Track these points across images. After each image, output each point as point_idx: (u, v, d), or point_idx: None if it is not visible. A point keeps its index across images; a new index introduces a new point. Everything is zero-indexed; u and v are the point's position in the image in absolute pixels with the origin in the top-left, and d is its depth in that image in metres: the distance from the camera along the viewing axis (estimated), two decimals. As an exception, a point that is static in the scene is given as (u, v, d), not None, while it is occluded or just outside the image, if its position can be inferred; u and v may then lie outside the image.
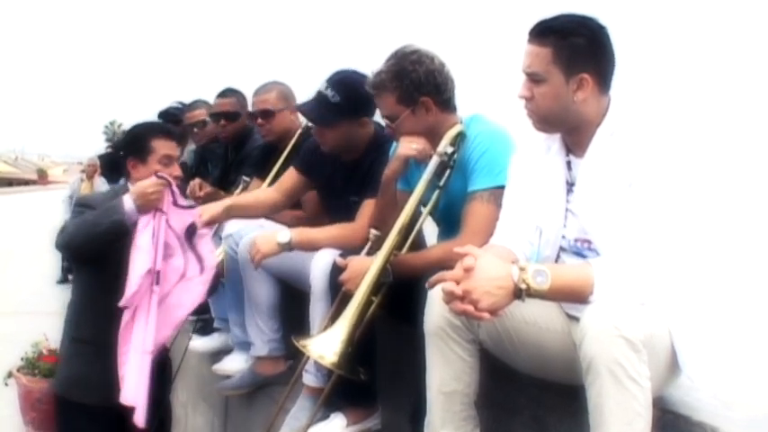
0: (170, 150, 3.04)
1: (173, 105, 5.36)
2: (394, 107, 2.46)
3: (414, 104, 2.43)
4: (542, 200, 2.11)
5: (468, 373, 2.03)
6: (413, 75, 2.41)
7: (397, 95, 2.44)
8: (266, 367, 3.18)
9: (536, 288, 1.74)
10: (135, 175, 3.01)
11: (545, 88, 2.00)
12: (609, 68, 2.01)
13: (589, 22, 1.99)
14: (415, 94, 2.42)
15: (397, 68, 2.42)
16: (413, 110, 2.44)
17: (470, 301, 1.73)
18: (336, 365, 2.21)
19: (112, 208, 2.79)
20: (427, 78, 2.42)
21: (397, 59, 2.44)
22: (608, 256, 1.87)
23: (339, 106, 2.76)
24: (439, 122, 2.47)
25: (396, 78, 2.42)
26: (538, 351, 2.04)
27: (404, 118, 2.45)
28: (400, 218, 2.33)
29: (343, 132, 2.84)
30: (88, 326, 2.94)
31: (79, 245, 2.81)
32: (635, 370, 1.65)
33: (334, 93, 2.77)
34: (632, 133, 1.95)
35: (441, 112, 2.47)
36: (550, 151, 2.12)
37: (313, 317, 2.74)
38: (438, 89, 2.44)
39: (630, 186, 1.90)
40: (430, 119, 2.45)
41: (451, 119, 2.51)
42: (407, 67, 2.41)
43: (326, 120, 2.80)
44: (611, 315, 1.68)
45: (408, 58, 2.42)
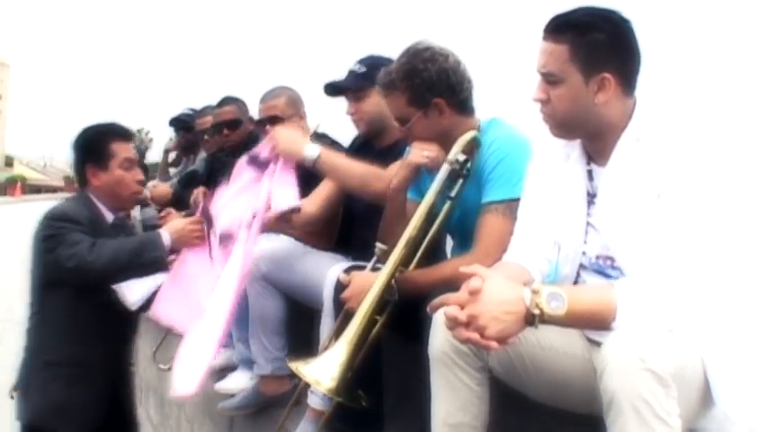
0: (129, 153, 2.93)
1: (184, 112, 5.28)
2: (405, 109, 2.28)
3: (426, 106, 2.25)
4: (561, 213, 1.92)
5: (476, 404, 1.85)
6: (424, 74, 2.22)
7: (407, 96, 2.26)
8: (271, 387, 3.01)
9: (550, 313, 1.54)
10: (95, 183, 2.89)
11: (562, 90, 1.80)
12: (633, 67, 1.80)
13: (611, 15, 1.79)
14: (426, 95, 2.24)
15: (408, 67, 2.24)
16: (425, 112, 2.26)
17: (476, 327, 1.54)
18: (334, 392, 2.03)
19: (152, 243, 2.73)
20: (440, 78, 2.23)
21: (409, 57, 2.26)
22: (633, 277, 1.67)
23: (365, 75, 2.73)
24: (454, 126, 2.28)
25: (406, 78, 2.24)
26: (555, 378, 1.85)
27: (415, 120, 2.27)
28: (406, 231, 2.14)
29: (376, 104, 2.72)
30: (67, 347, 2.79)
31: (112, 274, 2.71)
32: (662, 407, 1.46)
33: (360, 65, 2.79)
34: (661, 138, 1.74)
35: (456, 115, 2.28)
36: (570, 159, 1.93)
37: (322, 336, 2.58)
38: (452, 90, 2.25)
39: (659, 197, 1.70)
40: (444, 122, 2.27)
41: (468, 122, 2.32)
42: (419, 65, 2.23)
43: (356, 85, 2.77)
44: (636, 345, 1.48)
45: (420, 56, 2.24)
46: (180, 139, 5.37)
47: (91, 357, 2.64)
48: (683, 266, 1.63)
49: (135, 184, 2.96)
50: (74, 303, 2.79)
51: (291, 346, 3.02)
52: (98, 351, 2.65)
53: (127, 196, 2.98)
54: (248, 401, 3.10)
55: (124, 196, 2.97)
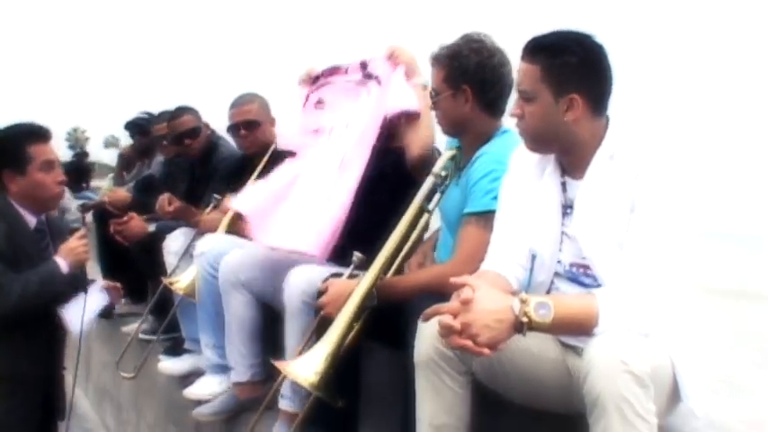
0: (49, 155, 2.88)
1: (139, 116, 5.23)
2: (440, 83, 2.42)
3: (456, 88, 2.38)
4: (536, 223, 2.03)
5: (459, 406, 1.94)
6: (464, 60, 2.36)
7: (445, 73, 2.40)
8: (246, 392, 3.04)
9: (538, 321, 1.64)
10: (14, 189, 2.85)
11: (534, 107, 1.92)
12: (603, 89, 1.93)
13: (584, 40, 1.91)
14: (459, 80, 2.37)
15: (456, 49, 2.38)
16: (453, 93, 2.39)
17: (469, 335, 1.63)
18: (315, 386, 2.11)
19: (52, 278, 2.76)
20: (476, 69, 2.36)
21: (462, 41, 2.40)
22: (612, 286, 1.78)
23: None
24: (475, 119, 2.41)
25: (449, 57, 2.38)
26: (532, 380, 1.96)
27: (444, 97, 2.41)
28: (389, 241, 2.23)
29: None
30: (2, 362, 2.78)
31: (25, 309, 2.73)
32: (642, 406, 1.58)
33: None
34: (633, 157, 1.87)
35: (479, 110, 2.40)
36: (545, 172, 2.04)
37: (288, 337, 2.64)
38: (482, 85, 2.37)
39: (632, 211, 1.83)
40: (466, 109, 2.39)
41: (490, 122, 2.44)
42: (464, 51, 2.37)
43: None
44: (618, 349, 1.60)
45: (469, 45, 2.38)
46: (135, 143, 5.31)
47: (29, 369, 2.65)
48: (653, 275, 1.75)
49: (56, 185, 2.92)
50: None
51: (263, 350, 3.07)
52: (29, 361, 2.68)
53: (48, 199, 2.93)
54: (225, 406, 3.11)
55: (45, 199, 2.92)
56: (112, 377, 5.11)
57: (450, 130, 2.50)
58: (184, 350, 3.70)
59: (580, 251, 1.95)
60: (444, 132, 2.54)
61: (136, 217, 3.96)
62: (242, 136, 3.51)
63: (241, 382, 3.03)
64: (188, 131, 4.03)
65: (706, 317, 1.91)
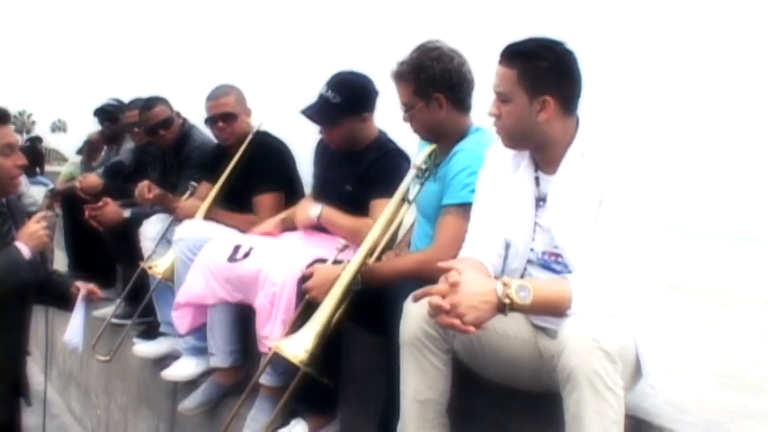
0: (9, 138, 2.88)
1: (109, 102, 5.24)
2: (410, 97, 2.54)
3: (428, 98, 2.51)
4: (511, 214, 2.19)
5: (441, 382, 2.09)
6: (430, 71, 2.48)
7: (413, 87, 2.52)
8: (228, 377, 3.16)
9: (519, 303, 1.81)
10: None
11: (510, 107, 2.09)
12: (573, 92, 2.10)
13: (555, 46, 2.08)
14: (429, 89, 2.50)
15: (416, 62, 2.50)
16: (426, 103, 2.52)
17: (456, 314, 1.79)
18: (304, 363, 2.24)
19: (15, 264, 2.75)
20: (443, 76, 2.49)
21: (419, 53, 2.51)
22: (583, 272, 1.95)
23: (340, 106, 2.90)
24: (450, 120, 2.55)
25: (414, 71, 2.50)
26: (507, 360, 2.12)
27: (418, 109, 2.53)
28: (374, 229, 2.38)
29: (348, 129, 2.98)
30: None
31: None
32: (612, 380, 1.75)
33: (334, 94, 2.91)
34: (602, 155, 2.05)
35: (453, 110, 2.54)
36: (519, 168, 2.21)
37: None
38: (452, 88, 2.51)
39: (600, 205, 2.01)
40: (441, 114, 2.52)
41: (462, 119, 2.59)
42: (426, 62, 2.48)
43: (330, 120, 2.94)
44: (590, 328, 1.77)
45: (429, 54, 2.49)
46: (104, 129, 5.32)
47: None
48: (622, 263, 1.94)
49: (15, 169, 2.91)
50: None
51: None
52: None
53: (7, 182, 2.92)
54: (209, 396, 3.18)
55: (5, 182, 2.92)
56: (79, 361, 5.14)
57: (428, 136, 2.63)
58: (159, 333, 3.77)
59: (552, 240, 2.12)
60: (422, 138, 2.69)
61: (111, 202, 4.02)
62: (220, 128, 3.59)
63: (223, 367, 3.14)
64: (162, 122, 4.08)
65: (660, 309, 2.10)
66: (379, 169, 2.95)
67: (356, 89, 2.96)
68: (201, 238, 3.28)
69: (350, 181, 2.99)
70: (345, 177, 3.01)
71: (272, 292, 2.71)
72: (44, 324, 3.26)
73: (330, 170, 3.12)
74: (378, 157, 3.00)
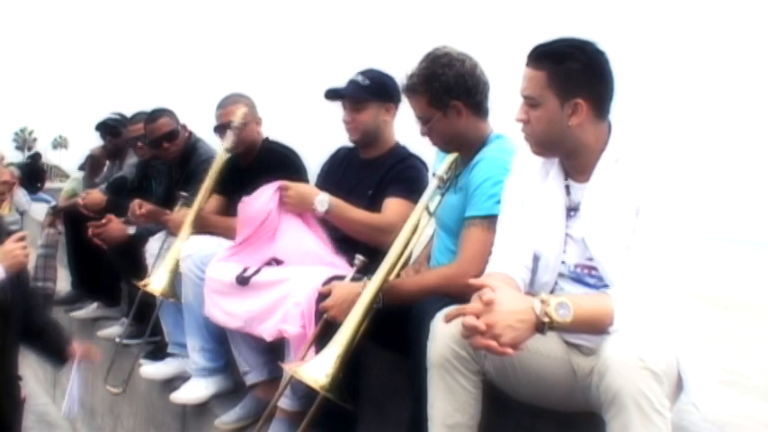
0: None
1: (111, 117, 5.13)
2: (426, 109, 2.44)
3: (445, 108, 2.41)
4: (540, 225, 2.08)
5: (472, 405, 1.98)
6: (442, 78, 2.38)
7: (428, 98, 2.42)
8: (268, 391, 2.98)
9: (559, 321, 1.69)
10: None
11: (540, 112, 1.98)
12: (606, 94, 1.99)
13: (586, 46, 1.98)
14: (445, 98, 2.40)
15: (427, 72, 2.40)
16: (444, 113, 2.42)
17: (492, 335, 1.68)
18: (325, 389, 2.12)
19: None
20: (457, 82, 2.39)
21: (428, 62, 2.41)
22: (623, 286, 1.84)
23: (369, 88, 2.95)
24: (470, 127, 2.46)
25: (426, 82, 2.40)
26: (539, 379, 2.01)
27: (436, 120, 2.43)
28: (397, 243, 2.26)
29: (372, 116, 2.97)
30: None
31: None
32: (659, 402, 1.64)
33: (364, 78, 2.96)
34: (637, 161, 1.94)
35: (472, 116, 2.45)
36: (548, 176, 2.10)
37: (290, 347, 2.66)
38: (468, 92, 2.41)
39: (638, 214, 1.90)
40: (461, 122, 2.43)
41: (482, 126, 2.49)
42: (437, 70, 2.38)
43: (357, 97, 2.94)
44: (635, 347, 1.66)
45: (439, 62, 2.40)
46: (107, 144, 5.22)
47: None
48: (661, 276, 1.83)
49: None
50: None
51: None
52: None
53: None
54: (248, 411, 3.03)
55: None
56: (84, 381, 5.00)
57: (448, 148, 2.51)
58: (167, 354, 3.65)
59: (585, 252, 2.01)
60: (441, 150, 2.58)
61: (114, 219, 3.91)
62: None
63: (260, 381, 3.00)
64: (166, 135, 3.97)
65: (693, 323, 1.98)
66: (397, 173, 2.93)
67: (385, 77, 3.00)
68: (209, 254, 3.15)
69: (371, 186, 2.94)
70: (366, 184, 2.95)
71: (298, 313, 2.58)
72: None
73: (350, 179, 3.04)
74: (395, 162, 2.97)
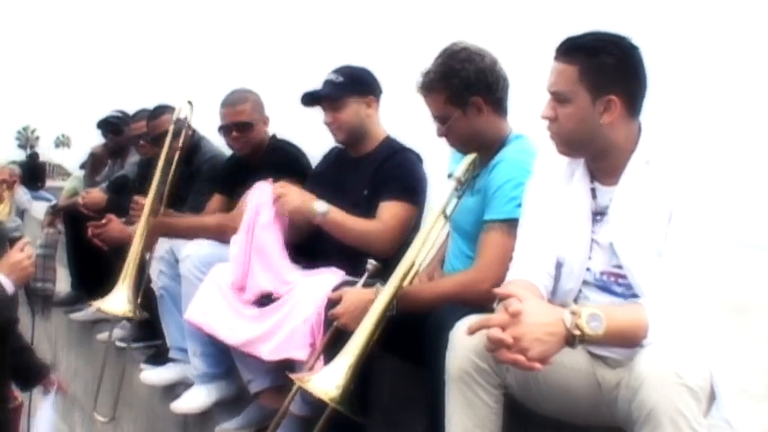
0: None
1: (112, 114, 5.03)
2: (444, 108, 2.31)
3: (465, 105, 2.29)
4: (564, 230, 1.97)
5: (492, 421, 1.87)
6: (462, 74, 2.26)
7: (446, 96, 2.29)
8: (272, 399, 2.88)
9: (590, 334, 1.58)
10: None
11: (570, 109, 1.87)
12: (639, 91, 1.89)
13: (620, 41, 1.87)
14: (465, 94, 2.28)
15: (445, 68, 2.28)
16: (464, 111, 2.30)
17: (519, 349, 1.56)
18: (336, 401, 2.02)
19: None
20: (478, 77, 2.28)
21: (445, 58, 2.30)
22: (657, 296, 1.72)
23: (344, 84, 2.85)
24: (490, 126, 2.35)
25: (444, 78, 2.28)
26: (563, 393, 1.90)
27: (455, 119, 2.31)
28: (413, 248, 2.15)
29: (354, 113, 2.86)
30: None
31: None
32: (695, 419, 1.54)
33: (337, 75, 2.87)
34: (669, 163, 1.83)
35: (492, 114, 2.34)
36: (573, 178, 1.98)
37: None
38: (489, 88, 2.30)
39: (670, 220, 1.78)
40: (481, 121, 2.32)
41: (502, 125, 2.38)
42: (456, 66, 2.27)
43: (336, 96, 2.84)
44: (671, 361, 1.55)
45: (457, 57, 2.28)
46: (108, 142, 5.11)
47: None
48: (696, 286, 1.72)
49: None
50: None
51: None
52: None
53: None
54: (250, 419, 2.94)
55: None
56: (83, 386, 4.92)
57: (467, 148, 2.38)
58: (168, 359, 3.54)
59: (612, 259, 1.90)
60: (460, 151, 2.44)
61: (115, 219, 3.78)
62: (234, 138, 3.37)
63: (264, 389, 2.90)
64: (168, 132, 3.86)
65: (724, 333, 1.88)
66: (390, 170, 2.82)
67: (359, 71, 2.93)
68: (210, 253, 3.09)
69: (366, 185, 2.83)
70: (360, 184, 2.84)
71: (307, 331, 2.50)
72: (47, 345, 3.06)
73: (343, 180, 2.94)
74: (387, 156, 2.86)
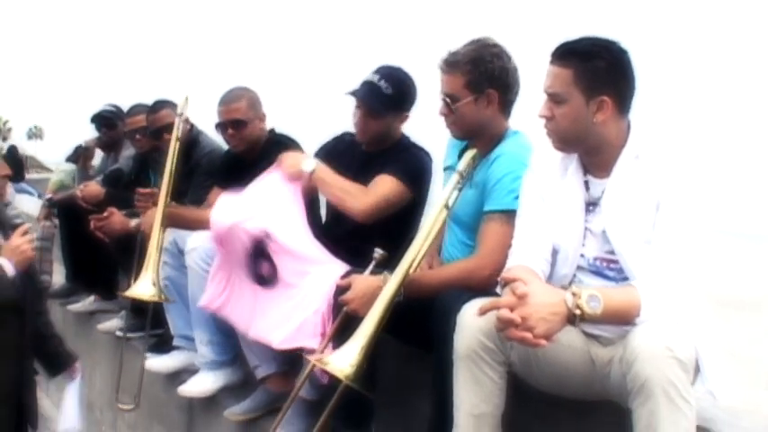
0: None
1: (106, 109, 5.09)
2: (460, 89, 2.45)
3: (480, 93, 2.44)
4: (560, 219, 2.13)
5: (497, 395, 2.04)
6: (489, 65, 2.42)
7: (467, 79, 2.43)
8: (278, 384, 3.03)
9: (590, 313, 1.76)
10: None
11: (565, 108, 2.03)
12: (629, 92, 2.05)
13: (611, 45, 2.03)
14: (485, 84, 2.43)
15: (475, 54, 2.42)
16: (476, 98, 2.44)
17: (526, 327, 1.73)
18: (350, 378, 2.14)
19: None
20: (501, 74, 2.43)
21: (479, 46, 2.44)
22: (647, 279, 1.90)
23: (391, 98, 2.86)
24: (492, 120, 2.49)
25: (472, 63, 2.42)
26: (560, 369, 2.07)
27: (465, 103, 2.44)
28: (417, 239, 2.30)
29: (386, 124, 2.93)
30: None
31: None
32: (686, 390, 1.71)
33: (387, 85, 2.85)
34: (657, 157, 2.01)
35: (499, 112, 2.49)
36: (567, 171, 2.15)
37: None
38: (506, 88, 2.46)
39: (658, 209, 1.96)
40: (488, 113, 2.46)
41: (503, 123, 2.53)
42: (486, 56, 2.42)
43: (378, 109, 2.87)
44: (662, 337, 1.73)
45: (489, 50, 2.44)
46: (102, 136, 5.18)
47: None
48: (682, 269, 1.89)
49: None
50: None
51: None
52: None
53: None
54: (258, 403, 3.07)
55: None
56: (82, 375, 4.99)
57: (464, 135, 2.55)
58: (172, 347, 3.66)
59: (604, 246, 2.07)
60: (456, 137, 2.61)
61: (116, 212, 3.88)
62: (230, 135, 3.48)
63: (270, 374, 3.03)
64: (167, 126, 3.95)
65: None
66: (399, 158, 2.90)
67: (408, 86, 2.93)
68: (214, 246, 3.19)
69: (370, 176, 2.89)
70: (369, 178, 2.91)
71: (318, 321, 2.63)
72: None
73: (353, 171, 3.00)
74: (399, 151, 2.95)
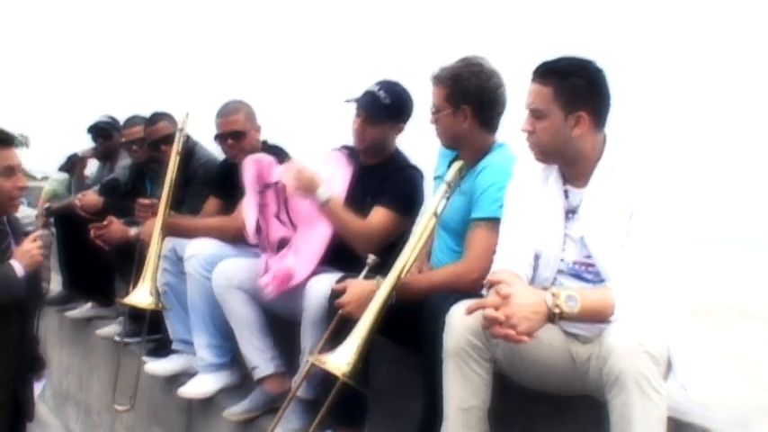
0: (10, 160, 2.96)
1: (102, 120, 5.20)
2: (441, 101, 2.65)
3: (456, 107, 2.62)
4: (541, 226, 2.29)
5: (484, 390, 2.18)
6: (465, 83, 2.59)
7: (447, 93, 2.63)
8: (276, 385, 3.16)
9: (568, 312, 1.91)
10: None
11: (546, 123, 2.19)
12: (605, 108, 2.22)
13: (588, 65, 2.20)
14: (459, 100, 2.61)
15: (456, 71, 2.61)
16: (453, 111, 2.63)
17: (510, 325, 1.88)
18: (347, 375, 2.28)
19: (7, 280, 2.83)
20: (475, 91, 2.60)
21: (461, 64, 2.63)
22: (620, 280, 2.05)
23: (388, 108, 3.02)
24: (473, 134, 2.65)
25: (451, 78, 2.62)
26: (542, 366, 2.22)
27: (444, 115, 2.65)
28: (409, 244, 2.45)
29: (383, 133, 3.08)
30: None
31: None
32: (657, 382, 1.86)
33: (386, 95, 3.02)
34: (631, 168, 2.17)
35: (477, 127, 2.65)
36: (548, 181, 2.31)
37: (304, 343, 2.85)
38: (481, 105, 2.62)
39: (632, 217, 2.12)
40: (465, 126, 2.64)
41: (486, 137, 2.69)
42: (464, 74, 2.60)
43: (376, 116, 3.02)
44: (635, 333, 1.88)
45: (469, 68, 2.61)
46: (98, 146, 5.29)
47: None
48: (653, 271, 2.05)
49: (15, 191, 3.00)
50: None
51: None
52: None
53: (5, 203, 3.00)
54: (256, 404, 3.19)
55: (3, 203, 2.99)
56: (78, 380, 5.09)
57: (449, 144, 2.75)
58: (171, 351, 3.77)
59: (583, 251, 2.23)
60: (444, 145, 2.79)
61: (116, 221, 4.00)
62: (229, 145, 3.63)
63: (268, 374, 3.15)
64: (165, 137, 4.10)
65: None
66: (394, 182, 3.03)
67: (405, 99, 3.09)
68: (214, 253, 3.33)
69: (371, 194, 3.05)
70: (366, 191, 3.08)
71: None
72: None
73: (353, 182, 3.17)
74: (395, 171, 3.08)
